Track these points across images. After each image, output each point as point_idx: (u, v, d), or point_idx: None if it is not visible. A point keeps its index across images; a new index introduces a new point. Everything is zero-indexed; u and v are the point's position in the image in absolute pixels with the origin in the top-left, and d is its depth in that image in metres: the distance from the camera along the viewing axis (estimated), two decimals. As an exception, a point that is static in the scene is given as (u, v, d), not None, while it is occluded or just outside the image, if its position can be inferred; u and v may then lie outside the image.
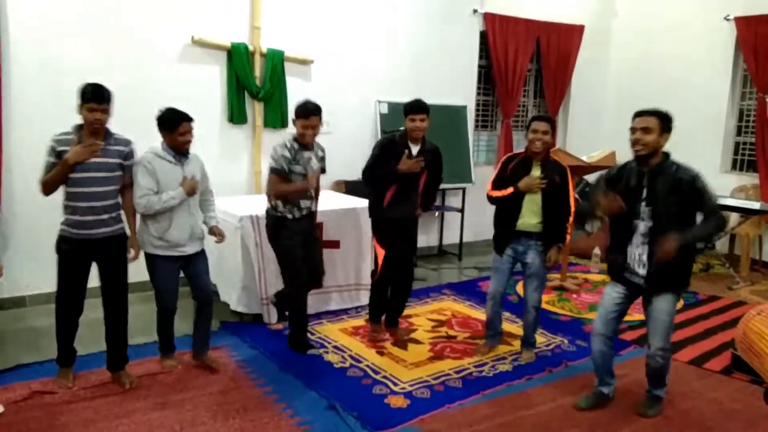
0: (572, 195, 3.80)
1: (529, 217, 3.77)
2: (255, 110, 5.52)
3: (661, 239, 3.00)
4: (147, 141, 3.49)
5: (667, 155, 3.13)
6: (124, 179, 3.36)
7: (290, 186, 3.78)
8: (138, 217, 3.48)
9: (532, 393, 3.58)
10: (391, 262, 4.12)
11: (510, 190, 3.75)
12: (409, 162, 3.89)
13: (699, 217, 3.13)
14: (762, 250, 6.66)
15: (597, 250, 6.69)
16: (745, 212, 5.91)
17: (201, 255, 3.64)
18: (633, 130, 3.09)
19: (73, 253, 3.27)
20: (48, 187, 3.18)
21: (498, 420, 3.24)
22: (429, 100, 6.30)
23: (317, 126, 3.81)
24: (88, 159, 3.13)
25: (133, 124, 4.67)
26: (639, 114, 3.11)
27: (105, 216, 3.27)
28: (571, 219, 3.80)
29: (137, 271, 3.56)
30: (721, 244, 6.64)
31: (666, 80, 7.25)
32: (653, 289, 3.17)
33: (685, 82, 7.07)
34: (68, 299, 3.34)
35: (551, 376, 3.81)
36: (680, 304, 5.22)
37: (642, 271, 3.15)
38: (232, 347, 4.08)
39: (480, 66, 7.03)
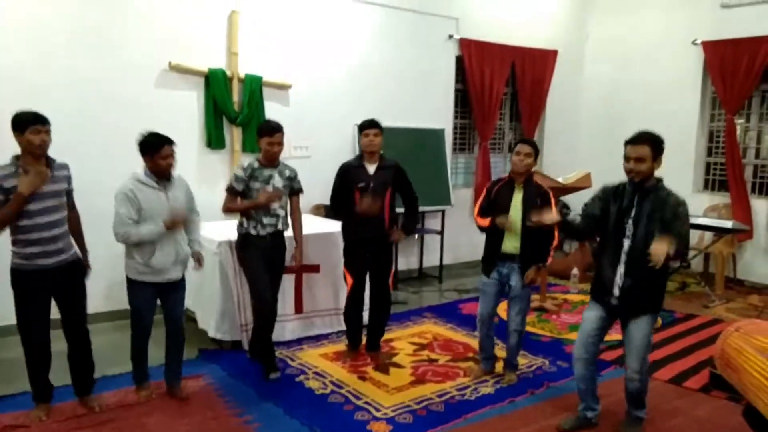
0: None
1: (512, 240, 3.81)
2: (233, 135, 5.51)
3: (656, 241, 2.96)
4: (126, 166, 3.45)
5: (659, 180, 3.16)
6: (68, 203, 3.31)
7: (238, 203, 3.91)
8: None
9: (514, 415, 3.57)
10: (361, 289, 4.23)
11: (488, 221, 3.83)
12: (366, 202, 3.97)
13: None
14: (736, 268, 6.79)
15: (575, 271, 6.74)
16: (718, 231, 6.03)
17: (181, 283, 3.59)
18: (627, 158, 3.10)
19: (31, 287, 3.16)
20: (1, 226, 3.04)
21: (481, 444, 3.22)
22: (407, 123, 6.42)
23: (282, 143, 3.92)
24: (40, 188, 3.04)
25: (111, 150, 4.66)
26: (631, 142, 3.10)
27: (60, 244, 3.20)
28: (555, 242, 3.84)
29: (109, 299, 3.49)
30: (696, 263, 6.75)
31: (637, 103, 7.43)
32: (628, 310, 3.20)
33: (656, 105, 7.25)
34: (34, 334, 3.23)
35: (533, 398, 3.80)
36: (658, 322, 5.30)
37: (617, 292, 3.18)
38: (211, 375, 4.00)
39: (457, 90, 7.13)
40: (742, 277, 6.77)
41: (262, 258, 3.92)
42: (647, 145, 3.06)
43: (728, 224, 5.91)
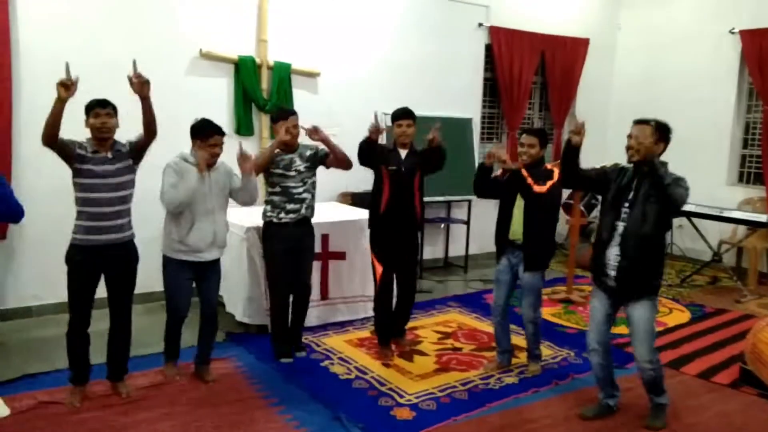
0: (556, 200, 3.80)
1: (519, 226, 3.79)
2: (262, 122, 5.56)
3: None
4: (157, 152, 3.50)
5: (663, 164, 3.16)
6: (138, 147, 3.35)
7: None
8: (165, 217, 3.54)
9: (538, 406, 3.56)
10: (391, 276, 4.19)
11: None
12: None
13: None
14: (769, 263, 6.63)
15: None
16: (752, 225, 5.90)
17: (216, 266, 3.65)
18: (629, 137, 3.19)
19: (83, 263, 3.25)
20: (47, 130, 3.04)
21: (504, 433, 3.22)
22: (435, 112, 6.39)
23: (297, 126, 3.95)
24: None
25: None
26: (636, 122, 3.22)
27: (118, 221, 3.27)
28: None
29: (141, 282, 3.55)
30: (729, 258, 6.61)
31: (671, 93, 7.26)
32: (627, 293, 3.21)
33: (691, 95, 7.08)
34: (77, 310, 3.31)
35: (558, 389, 3.79)
36: (688, 317, 5.21)
37: (613, 272, 3.20)
38: (238, 358, 4.08)
39: (485, 79, 7.07)
40: (776, 273, 6.61)
41: (285, 248, 3.92)
42: (650, 125, 3.15)
43: (763, 218, 5.78)
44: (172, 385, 3.62)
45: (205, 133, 3.46)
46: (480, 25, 6.79)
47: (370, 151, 4.01)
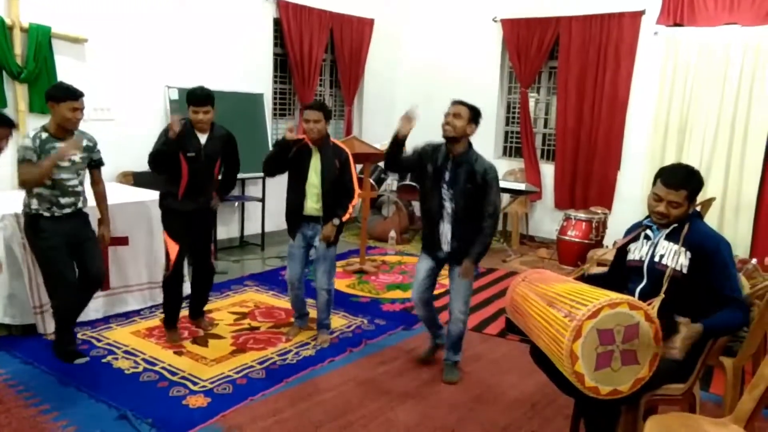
0: (355, 178, 3.95)
1: (312, 202, 3.89)
2: (17, 93, 4.82)
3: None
4: None
5: (470, 145, 3.51)
6: None
7: (37, 167, 3.31)
8: None
9: (334, 374, 3.68)
10: (185, 256, 4.01)
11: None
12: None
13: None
14: (528, 225, 7.65)
15: (393, 234, 7.09)
16: (514, 193, 6.73)
17: None
18: (446, 114, 3.44)
19: None
20: None
21: (301, 405, 3.28)
22: (224, 87, 6.15)
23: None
24: None
25: None
26: (454, 102, 3.48)
27: None
28: (354, 201, 3.95)
29: None
30: (497, 222, 7.47)
31: (447, 75, 7.90)
32: (456, 259, 3.55)
33: (463, 77, 7.77)
34: None
35: (352, 356, 3.96)
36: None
37: (446, 247, 3.53)
38: (-1, 365, 3.56)
39: (276, 54, 6.97)
40: (533, 234, 7.65)
41: (61, 242, 3.48)
42: (467, 107, 3.45)
43: (522, 186, 6.63)
44: None
45: None
46: (266, -3, 6.64)
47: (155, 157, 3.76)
